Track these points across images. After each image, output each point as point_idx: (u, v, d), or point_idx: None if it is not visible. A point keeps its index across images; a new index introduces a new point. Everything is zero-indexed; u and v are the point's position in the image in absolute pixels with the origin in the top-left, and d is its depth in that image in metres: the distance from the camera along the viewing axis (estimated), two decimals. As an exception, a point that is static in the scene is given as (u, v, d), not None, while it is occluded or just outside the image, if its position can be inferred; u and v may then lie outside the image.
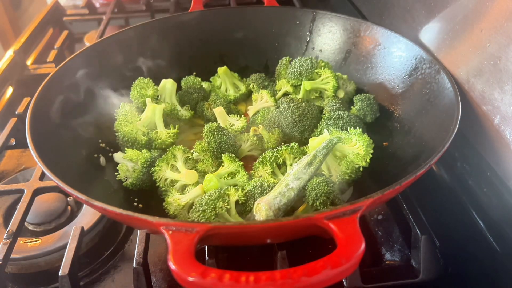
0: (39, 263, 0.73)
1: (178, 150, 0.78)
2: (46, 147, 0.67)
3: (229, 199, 0.69)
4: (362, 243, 0.46)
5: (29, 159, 0.97)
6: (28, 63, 1.28)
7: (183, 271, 0.44)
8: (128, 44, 0.97)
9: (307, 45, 1.05)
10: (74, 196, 0.56)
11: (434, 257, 0.68)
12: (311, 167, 0.69)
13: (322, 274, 0.43)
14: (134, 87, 0.92)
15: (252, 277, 0.42)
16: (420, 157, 0.70)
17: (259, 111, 0.92)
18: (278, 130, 0.84)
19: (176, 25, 1.03)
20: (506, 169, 0.65)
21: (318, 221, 0.49)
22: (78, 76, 0.87)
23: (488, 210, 0.69)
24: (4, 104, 1.11)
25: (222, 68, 0.99)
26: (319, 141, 0.76)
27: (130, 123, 0.84)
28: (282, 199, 0.65)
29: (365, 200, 0.51)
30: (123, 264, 0.74)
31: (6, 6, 2.04)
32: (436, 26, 0.82)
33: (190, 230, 0.48)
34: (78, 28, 1.56)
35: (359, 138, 0.74)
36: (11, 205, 0.84)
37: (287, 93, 0.95)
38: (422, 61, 0.82)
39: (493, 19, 0.66)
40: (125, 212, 0.52)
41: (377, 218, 0.80)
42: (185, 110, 0.94)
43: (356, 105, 0.88)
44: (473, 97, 0.71)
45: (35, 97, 0.74)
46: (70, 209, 0.83)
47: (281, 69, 1.00)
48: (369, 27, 0.95)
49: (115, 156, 0.83)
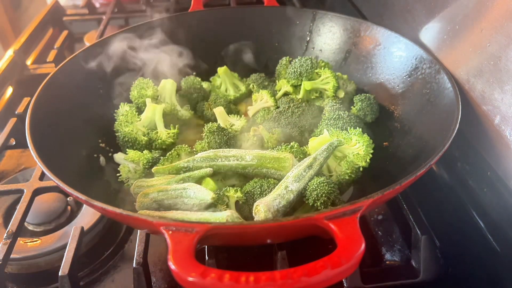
0: (39, 263, 0.73)
1: (183, 149, 0.79)
2: (46, 147, 0.67)
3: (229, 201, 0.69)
4: (362, 243, 0.46)
5: (29, 159, 0.97)
6: (28, 63, 1.28)
7: (183, 271, 0.44)
8: (128, 44, 0.97)
9: (307, 45, 1.05)
10: (74, 196, 0.56)
11: (434, 257, 0.68)
12: (311, 170, 0.69)
13: (322, 274, 0.43)
14: (134, 87, 0.92)
15: (252, 277, 0.42)
16: (420, 157, 0.70)
17: (259, 111, 0.92)
18: (278, 130, 0.84)
19: (176, 25, 1.03)
20: (506, 169, 0.65)
21: (318, 221, 0.49)
22: (78, 76, 0.87)
23: (488, 210, 0.69)
24: (4, 104, 1.11)
25: (222, 68, 0.99)
26: (319, 141, 0.76)
27: (130, 123, 0.84)
28: (281, 201, 0.64)
29: (365, 200, 0.51)
30: (123, 264, 0.74)
31: (6, 6, 2.04)
32: (436, 26, 0.82)
33: (190, 230, 0.48)
34: (78, 28, 1.56)
35: (359, 138, 0.74)
36: (11, 205, 0.84)
37: (287, 93, 0.95)
38: (422, 61, 0.82)
39: (493, 19, 0.66)
40: (125, 212, 0.52)
41: (377, 218, 0.80)
42: (185, 110, 0.94)
43: (356, 105, 0.88)
44: (473, 97, 0.71)
45: (35, 97, 0.74)
46: (70, 209, 0.83)
47: (281, 69, 1.00)
48: (369, 27, 0.95)
49: (115, 156, 0.83)
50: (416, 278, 0.68)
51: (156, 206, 0.69)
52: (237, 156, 0.73)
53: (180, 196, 0.68)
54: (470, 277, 0.69)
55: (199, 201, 0.66)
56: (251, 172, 0.73)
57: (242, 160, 0.72)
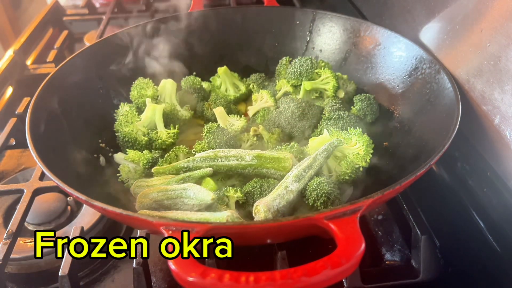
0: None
1: (181, 150, 0.79)
2: (46, 147, 0.67)
3: (229, 201, 0.69)
4: (362, 243, 0.46)
5: (29, 159, 0.97)
6: (28, 63, 1.28)
7: (183, 271, 0.44)
8: (128, 44, 0.97)
9: (307, 45, 1.05)
10: (74, 196, 0.56)
11: (434, 257, 0.68)
12: (311, 170, 0.69)
13: (322, 274, 0.43)
14: (134, 87, 0.92)
15: (252, 277, 0.42)
16: (420, 157, 0.70)
17: (259, 111, 0.92)
18: (278, 130, 0.84)
19: (176, 25, 1.03)
20: (506, 169, 0.65)
21: (318, 221, 0.49)
22: (78, 76, 0.87)
23: (488, 210, 0.69)
24: (4, 104, 1.11)
25: (222, 68, 0.99)
26: (319, 141, 0.76)
27: (130, 123, 0.84)
28: (281, 201, 0.65)
29: (365, 200, 0.51)
30: (123, 264, 0.74)
31: (6, 6, 2.04)
32: (436, 26, 0.82)
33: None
34: (78, 28, 1.56)
35: (359, 138, 0.74)
36: (11, 205, 0.84)
37: (287, 93, 0.95)
38: (422, 61, 0.82)
39: (493, 19, 0.66)
40: (125, 212, 0.52)
41: (377, 218, 0.80)
42: (185, 110, 0.94)
43: (356, 105, 0.88)
44: (473, 97, 0.71)
45: (35, 97, 0.74)
46: (70, 209, 0.83)
47: (281, 69, 1.00)
48: (369, 27, 0.95)
49: (115, 156, 0.83)
50: (416, 278, 0.67)
51: (156, 206, 0.69)
52: (237, 156, 0.73)
53: (180, 196, 0.68)
54: (470, 277, 0.69)
55: (199, 202, 0.66)
56: (251, 172, 0.73)
57: (242, 160, 0.72)
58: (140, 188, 0.73)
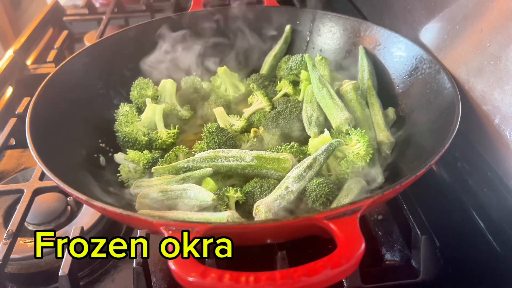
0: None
1: (181, 150, 0.79)
2: (46, 147, 0.67)
3: (229, 201, 0.69)
4: (362, 243, 0.46)
5: (29, 159, 0.97)
6: (28, 63, 1.28)
7: (183, 271, 0.44)
8: (128, 44, 0.97)
9: (307, 45, 1.05)
10: (74, 196, 0.56)
11: (434, 257, 0.68)
12: (311, 170, 0.69)
13: (322, 274, 0.43)
14: (134, 87, 0.92)
15: (252, 277, 0.42)
16: (420, 157, 0.70)
17: (255, 113, 0.92)
18: (279, 131, 0.83)
19: (176, 25, 1.03)
20: (506, 169, 0.65)
21: (318, 221, 0.49)
22: (78, 76, 0.87)
23: (488, 210, 0.69)
24: (4, 104, 1.11)
25: (222, 68, 0.99)
26: (319, 141, 0.76)
27: (131, 123, 0.84)
28: (281, 202, 0.65)
29: (365, 200, 0.51)
30: (123, 264, 0.74)
31: (6, 6, 2.04)
32: (436, 26, 0.82)
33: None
34: (78, 28, 1.56)
35: (359, 138, 0.74)
36: (11, 205, 0.84)
37: (287, 94, 0.95)
38: (422, 61, 0.82)
39: (493, 19, 0.66)
40: (125, 212, 0.52)
41: (377, 218, 0.80)
42: (185, 110, 0.94)
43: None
44: (473, 97, 0.71)
45: (35, 97, 0.74)
46: (70, 209, 0.83)
47: (281, 69, 0.99)
48: (369, 27, 0.95)
49: (115, 156, 0.83)
50: (416, 278, 0.67)
51: (156, 206, 0.69)
52: (236, 156, 0.73)
53: (180, 196, 0.68)
54: (470, 277, 0.69)
55: (200, 202, 0.66)
56: (251, 172, 0.73)
57: (241, 160, 0.72)
58: (140, 188, 0.73)
